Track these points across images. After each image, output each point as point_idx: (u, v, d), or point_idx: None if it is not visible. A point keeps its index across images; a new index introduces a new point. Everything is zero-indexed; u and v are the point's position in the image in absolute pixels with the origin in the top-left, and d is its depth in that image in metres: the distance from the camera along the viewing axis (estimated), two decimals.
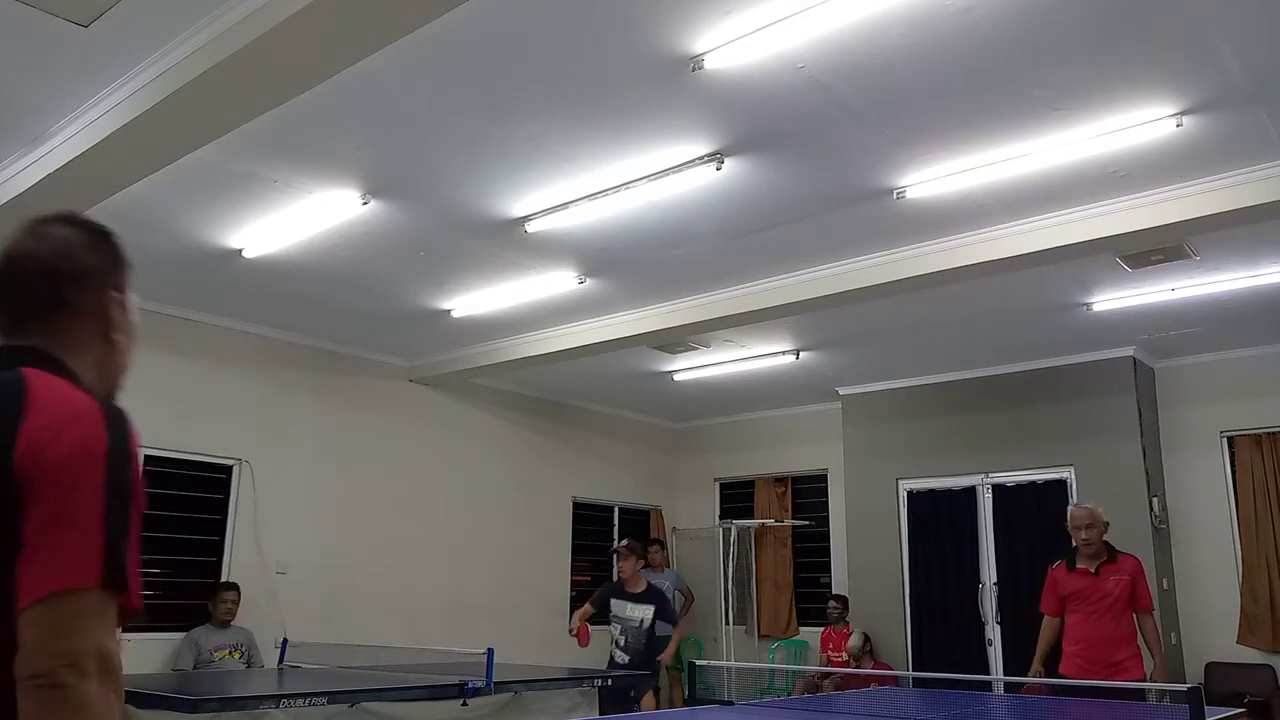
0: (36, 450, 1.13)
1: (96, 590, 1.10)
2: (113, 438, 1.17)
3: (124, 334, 1.40)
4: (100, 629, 1.10)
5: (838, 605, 8.79)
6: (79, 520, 1.11)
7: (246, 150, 4.52)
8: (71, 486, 1.12)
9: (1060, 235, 5.10)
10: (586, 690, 5.63)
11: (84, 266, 1.36)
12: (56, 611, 1.07)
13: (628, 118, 4.20)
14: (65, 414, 1.17)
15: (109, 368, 1.39)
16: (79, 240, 1.37)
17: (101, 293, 1.36)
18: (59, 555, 1.09)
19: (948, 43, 3.63)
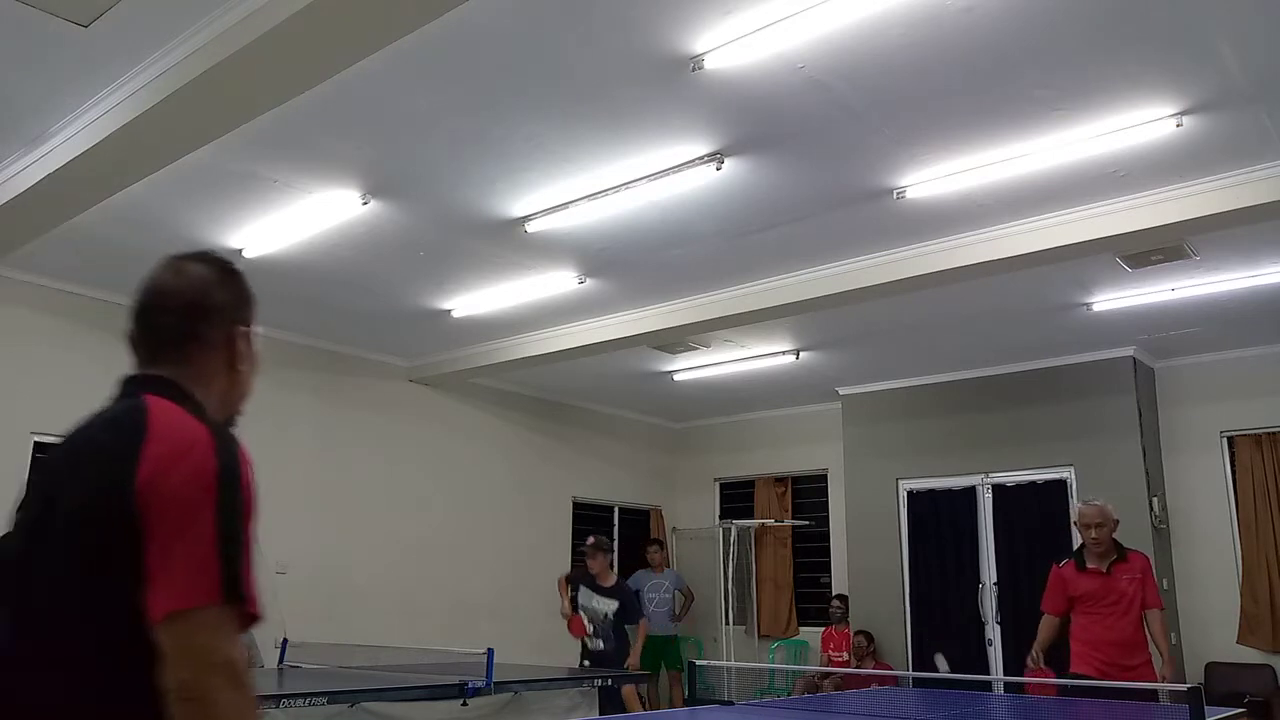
0: (156, 479, 1.23)
1: (218, 606, 1.21)
2: (222, 463, 1.27)
3: (247, 365, 1.51)
4: (224, 640, 1.21)
5: (840, 605, 8.80)
6: (197, 543, 1.22)
7: (246, 150, 4.52)
8: (188, 513, 1.22)
9: (1060, 235, 5.10)
10: (586, 690, 5.63)
11: (215, 302, 1.47)
12: (184, 628, 1.19)
13: (628, 118, 4.20)
14: (180, 443, 1.27)
15: (232, 396, 1.50)
16: (212, 278, 1.49)
17: (230, 327, 1.48)
18: (181, 577, 1.20)
19: (948, 43, 3.63)
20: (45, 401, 6.23)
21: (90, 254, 5.87)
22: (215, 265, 1.52)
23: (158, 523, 1.22)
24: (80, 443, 1.35)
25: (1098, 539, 5.18)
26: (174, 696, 1.18)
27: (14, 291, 6.19)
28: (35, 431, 6.20)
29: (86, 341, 6.47)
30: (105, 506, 1.24)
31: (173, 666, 1.18)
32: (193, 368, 1.44)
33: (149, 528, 1.22)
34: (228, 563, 1.23)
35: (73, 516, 1.27)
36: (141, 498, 1.22)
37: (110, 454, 1.27)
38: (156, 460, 1.24)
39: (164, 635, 1.19)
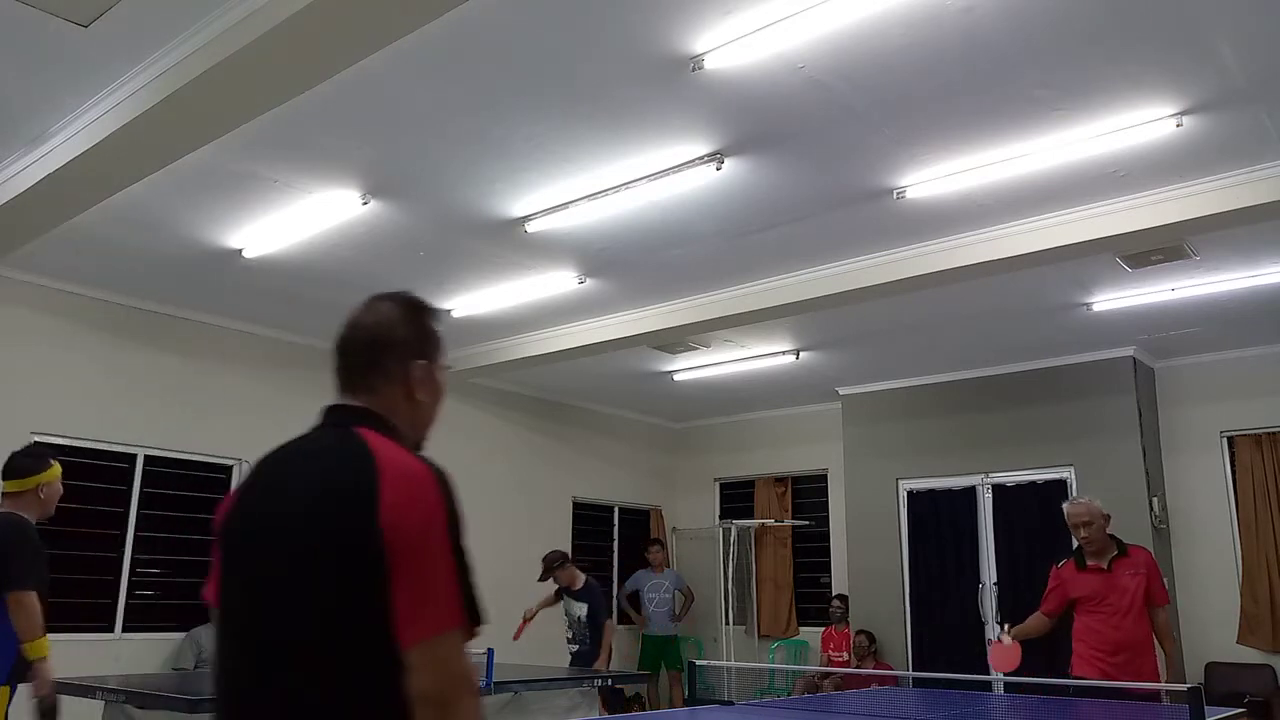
0: (396, 520, 1.37)
1: (459, 629, 1.39)
2: (446, 500, 1.43)
3: (427, 396, 1.64)
4: (464, 657, 1.39)
5: (840, 605, 8.80)
6: (440, 576, 1.39)
7: (246, 150, 4.52)
8: (428, 549, 1.38)
9: (1060, 235, 5.10)
10: (586, 690, 5.63)
11: (397, 337, 1.61)
12: (434, 650, 1.36)
13: (628, 118, 4.20)
14: (411, 484, 1.41)
15: (415, 423, 1.64)
16: (397, 315, 1.62)
17: (408, 361, 1.61)
18: (430, 607, 1.37)
19: (948, 43, 3.63)
20: (45, 401, 6.24)
21: (90, 254, 5.87)
22: (402, 303, 1.65)
23: (402, 559, 1.36)
24: (307, 481, 1.46)
25: (1088, 537, 4.98)
26: (424, 705, 1.35)
27: (14, 291, 6.19)
28: (35, 431, 6.20)
29: (86, 341, 6.48)
30: (351, 545, 1.37)
31: (423, 680, 1.35)
32: (378, 396, 1.58)
33: (394, 563, 1.36)
34: (466, 591, 1.42)
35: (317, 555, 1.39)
36: (386, 536, 1.36)
37: (349, 495, 1.39)
38: (393, 501, 1.38)
39: (416, 655, 1.35)
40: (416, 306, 1.66)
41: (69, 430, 6.35)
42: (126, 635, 6.46)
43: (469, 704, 1.38)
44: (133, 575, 6.56)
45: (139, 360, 6.71)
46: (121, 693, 4.17)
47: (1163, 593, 4.97)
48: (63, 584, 6.27)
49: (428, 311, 1.67)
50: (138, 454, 6.69)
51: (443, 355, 1.68)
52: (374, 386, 1.58)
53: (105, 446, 6.53)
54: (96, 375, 6.50)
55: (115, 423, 6.55)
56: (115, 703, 4.27)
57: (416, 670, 1.35)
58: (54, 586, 6.16)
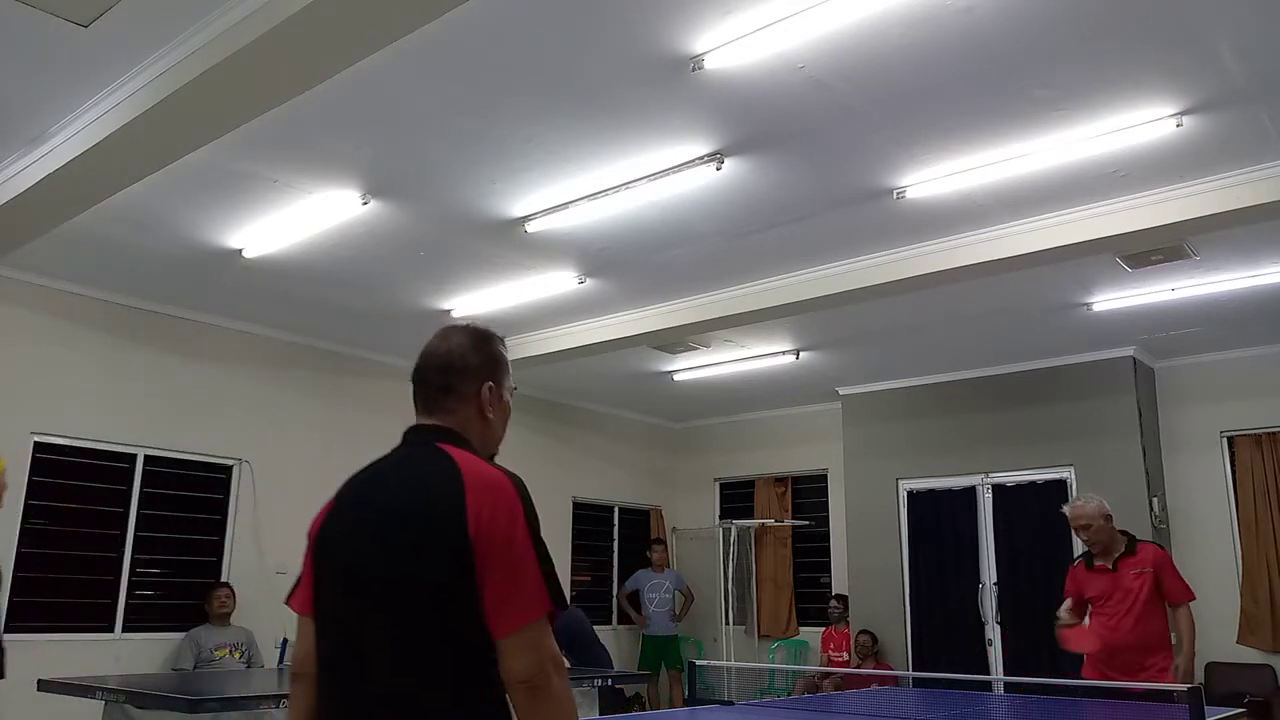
0: (483, 524, 1.54)
1: (545, 616, 1.55)
2: (525, 502, 1.62)
3: (496, 414, 1.83)
4: (552, 642, 1.55)
5: (839, 605, 8.80)
6: (527, 571, 1.55)
7: (246, 150, 4.52)
8: (512, 549, 1.55)
9: (1060, 235, 5.10)
10: (586, 690, 5.63)
11: (468, 364, 1.80)
12: (528, 636, 1.52)
13: (628, 118, 4.20)
14: (494, 492, 1.59)
15: (486, 439, 1.82)
16: (467, 344, 1.82)
17: (479, 384, 1.79)
18: (521, 599, 1.53)
19: (948, 43, 3.63)
20: (45, 401, 6.24)
21: (90, 254, 5.87)
22: (471, 333, 1.84)
23: (489, 558, 1.53)
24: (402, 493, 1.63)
25: (1091, 539, 4.87)
26: (522, 686, 1.51)
27: (14, 291, 6.19)
28: (35, 431, 6.20)
29: (86, 341, 6.48)
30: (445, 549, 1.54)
31: (521, 664, 1.51)
32: (454, 417, 1.77)
33: (482, 562, 1.53)
34: (550, 581, 1.57)
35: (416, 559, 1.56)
36: (474, 539, 1.53)
37: (441, 503, 1.57)
38: (478, 507, 1.56)
39: (509, 643, 1.52)
40: (484, 336, 1.84)
41: (69, 430, 6.35)
42: (126, 635, 6.46)
43: (560, 682, 1.53)
44: (133, 575, 6.56)
45: (139, 360, 6.71)
46: (121, 693, 4.17)
47: (1179, 589, 4.79)
48: (63, 584, 6.28)
49: (495, 339, 1.86)
50: (138, 454, 6.69)
51: (508, 379, 1.88)
52: (450, 408, 1.78)
53: (105, 446, 6.53)
54: (96, 375, 6.50)
55: (115, 423, 6.55)
56: (115, 703, 4.27)
57: (511, 656, 1.52)
58: (54, 586, 6.19)
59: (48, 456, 6.27)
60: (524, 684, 1.51)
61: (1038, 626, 7.64)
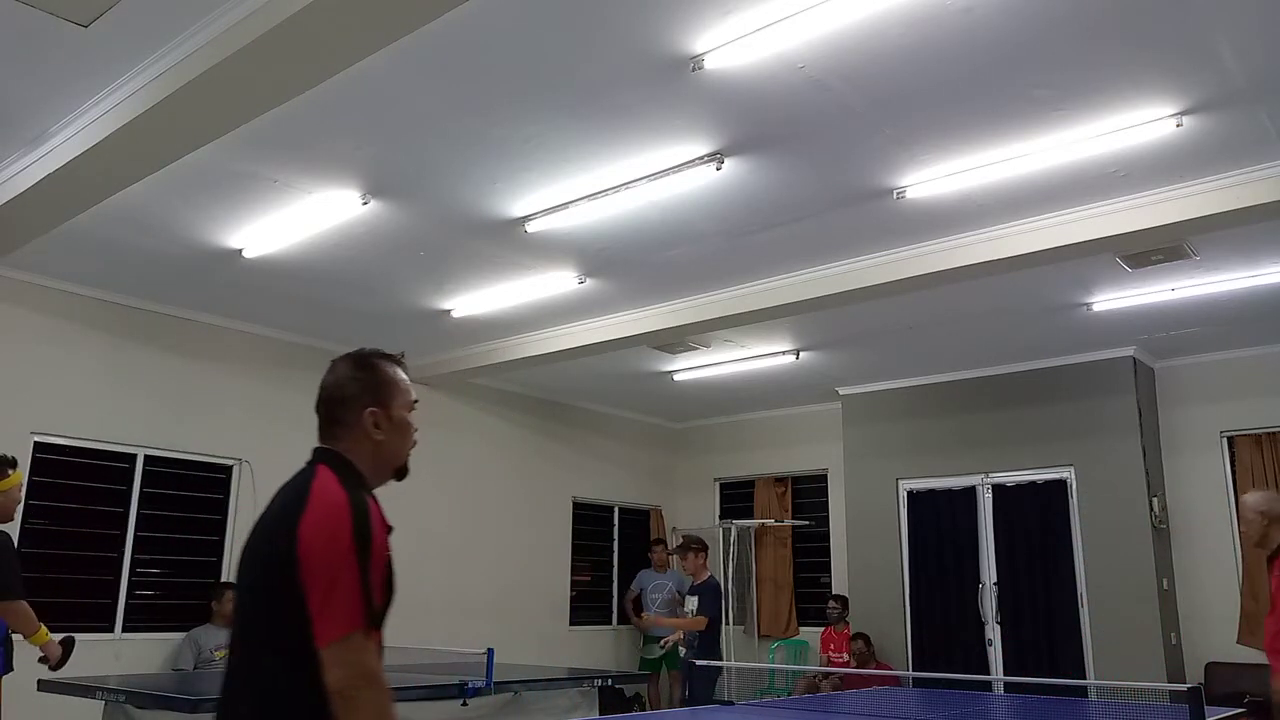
0: (309, 539, 1.71)
1: (362, 630, 1.70)
2: (356, 523, 1.74)
3: (386, 434, 1.96)
4: (367, 656, 1.70)
5: (837, 605, 8.79)
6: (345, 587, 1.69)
7: (246, 150, 4.52)
8: (336, 564, 1.70)
9: (1060, 235, 5.10)
10: (586, 690, 5.63)
11: (345, 394, 1.95)
12: (341, 649, 1.67)
13: (628, 118, 4.20)
14: (326, 511, 1.74)
15: (381, 458, 1.97)
16: (346, 375, 1.97)
17: (360, 410, 1.94)
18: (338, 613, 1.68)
19: (948, 43, 3.63)
20: (45, 401, 6.24)
21: (90, 254, 5.87)
22: (352, 362, 1.99)
23: (313, 573, 1.69)
24: (274, 507, 1.84)
25: (1244, 532, 4.55)
26: (336, 696, 1.66)
27: (14, 291, 6.19)
28: (35, 431, 6.20)
29: (86, 341, 6.48)
30: (280, 561, 1.72)
31: (334, 675, 1.67)
32: (341, 442, 1.93)
33: (306, 576, 1.69)
34: (368, 600, 1.72)
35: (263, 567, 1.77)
36: (300, 553, 1.70)
37: (286, 521, 1.75)
38: (311, 525, 1.72)
39: (327, 654, 1.67)
40: (365, 363, 1.99)
41: (69, 430, 6.35)
42: (126, 635, 6.46)
43: (371, 695, 1.68)
44: (133, 575, 6.56)
45: (139, 360, 6.71)
46: (121, 693, 4.17)
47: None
48: (63, 584, 6.28)
49: (377, 364, 1.99)
50: (138, 454, 6.69)
51: (399, 396, 2.00)
52: (337, 435, 1.94)
53: (105, 446, 6.53)
54: (96, 375, 6.50)
55: (115, 423, 6.55)
56: (115, 703, 4.27)
57: (328, 666, 1.67)
58: (54, 586, 6.19)
59: (48, 456, 6.27)
60: (336, 694, 1.66)
61: (1038, 626, 7.65)
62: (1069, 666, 7.38)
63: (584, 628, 9.61)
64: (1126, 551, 7.33)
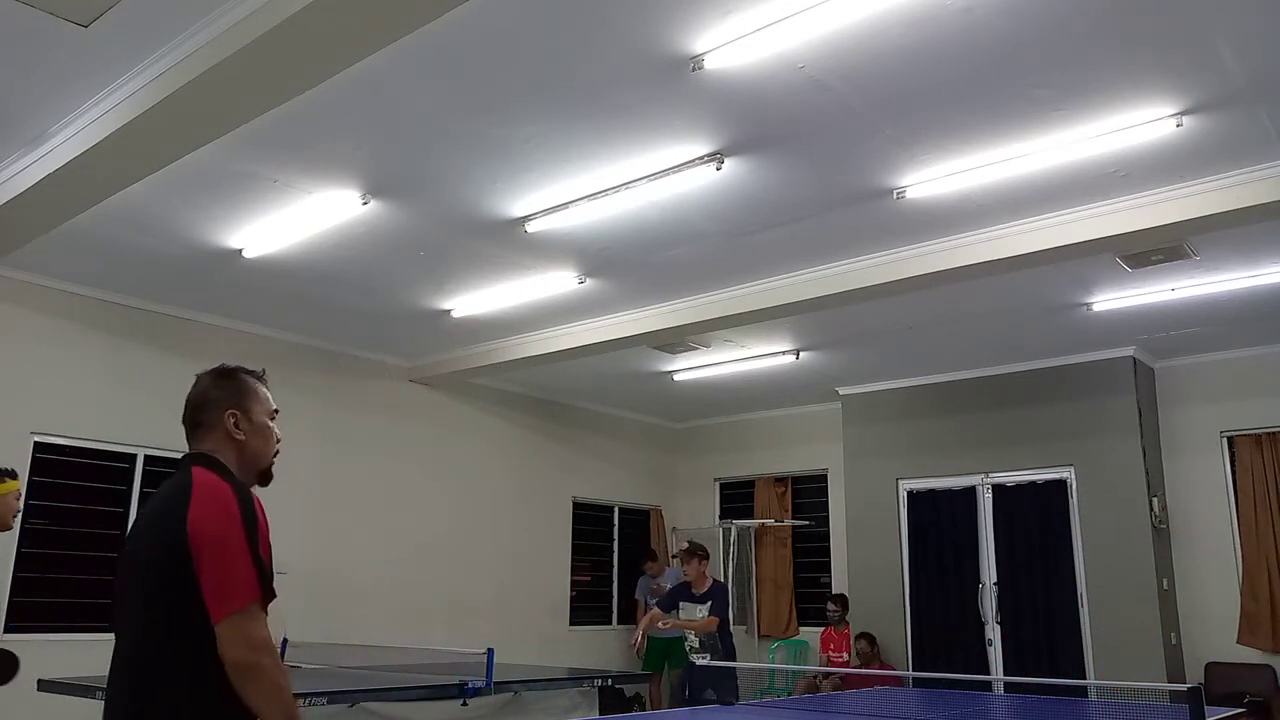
0: (198, 525, 1.83)
1: (256, 603, 1.82)
2: (243, 506, 1.88)
3: (246, 435, 2.08)
4: (262, 626, 1.81)
5: (837, 607, 8.79)
6: (236, 564, 1.81)
7: (246, 150, 4.52)
8: (224, 544, 1.82)
9: (1060, 235, 5.10)
10: (586, 690, 5.63)
11: (208, 399, 2.09)
12: (237, 622, 1.78)
13: (628, 118, 4.20)
14: (212, 499, 1.87)
15: (245, 458, 2.08)
16: (209, 383, 2.11)
17: (221, 414, 2.07)
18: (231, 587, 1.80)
19: (948, 43, 3.63)
20: (45, 401, 6.24)
21: (90, 254, 5.87)
22: (213, 373, 2.13)
23: (204, 554, 1.80)
24: (155, 505, 1.96)
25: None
26: (234, 669, 1.76)
27: (14, 291, 6.19)
28: (35, 431, 6.20)
29: (86, 341, 6.48)
30: (170, 546, 1.82)
31: (231, 648, 1.77)
32: (208, 444, 2.05)
33: (198, 558, 1.80)
34: (261, 573, 1.84)
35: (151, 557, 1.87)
36: (191, 540, 1.81)
37: (171, 512, 1.86)
38: (198, 513, 1.84)
39: (223, 628, 1.77)
40: (225, 372, 2.14)
41: (69, 430, 6.35)
42: None
43: (268, 664, 1.78)
44: None
45: (139, 360, 6.71)
46: None
47: None
48: (63, 584, 6.28)
49: (238, 374, 2.14)
50: (138, 454, 6.69)
51: (258, 403, 2.13)
52: (201, 437, 2.07)
53: (105, 446, 6.53)
54: (96, 375, 6.50)
55: (115, 423, 6.55)
56: None
57: (224, 641, 1.77)
58: (54, 586, 6.19)
59: (48, 456, 6.27)
60: (235, 666, 1.76)
61: (1038, 626, 7.65)
62: (1069, 666, 7.38)
63: (584, 628, 9.61)
64: (1126, 551, 7.33)
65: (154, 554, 1.86)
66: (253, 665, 1.76)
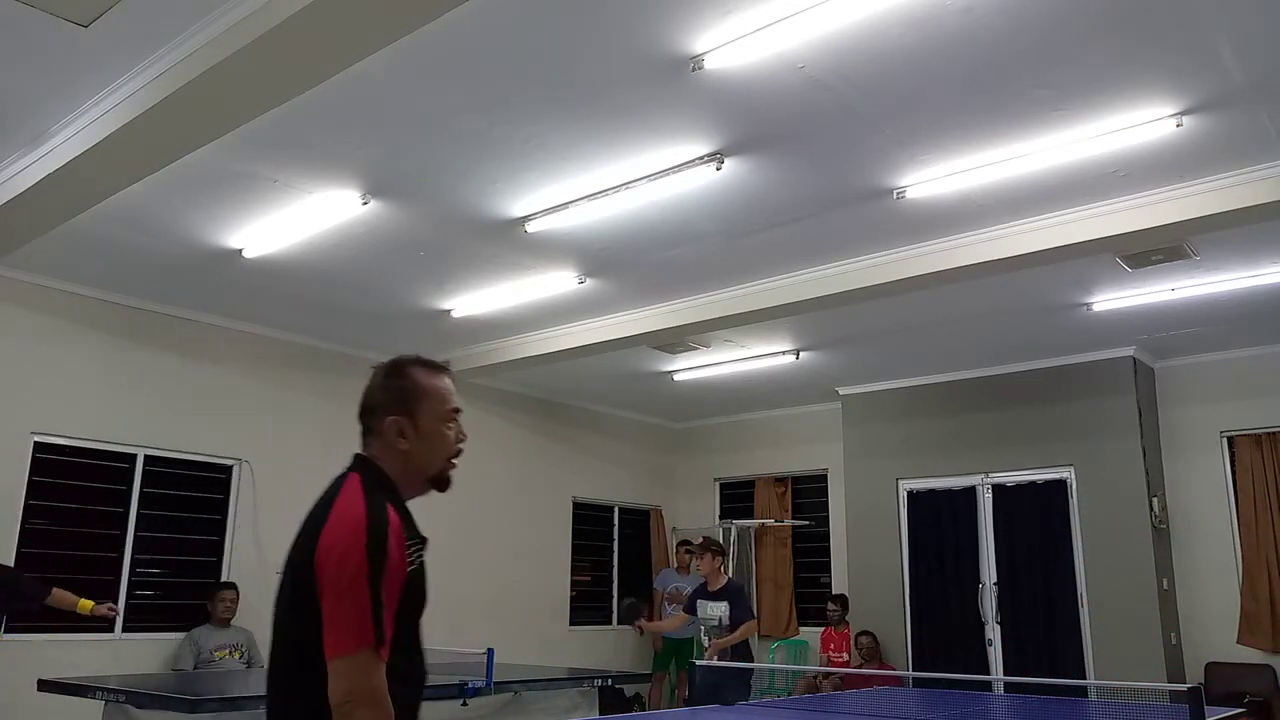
0: (325, 552, 1.73)
1: (368, 649, 1.68)
2: (371, 541, 1.73)
3: (411, 444, 1.94)
4: (373, 674, 1.68)
5: (837, 607, 8.79)
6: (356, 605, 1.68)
7: (246, 150, 4.52)
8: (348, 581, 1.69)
9: (1060, 235, 5.10)
10: (586, 690, 5.63)
11: (376, 401, 1.98)
12: (344, 666, 1.67)
13: (628, 118, 4.20)
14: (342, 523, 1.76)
15: (409, 467, 1.96)
16: (377, 382, 1.99)
17: (384, 418, 1.95)
18: (345, 629, 1.68)
19: (948, 43, 3.63)
20: (45, 401, 6.24)
21: (90, 254, 5.87)
22: (386, 369, 2.00)
23: (328, 587, 1.71)
24: (311, 512, 1.86)
25: None
26: (335, 710, 1.67)
27: (14, 291, 6.19)
28: (35, 431, 6.20)
29: (86, 341, 6.48)
30: (304, 565, 1.75)
31: (336, 688, 1.67)
32: (373, 449, 1.96)
33: (321, 591, 1.71)
34: (376, 619, 1.69)
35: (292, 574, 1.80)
36: (318, 564, 1.72)
37: (310, 531, 1.79)
38: (328, 539, 1.74)
39: (333, 667, 1.68)
40: (396, 369, 1.99)
41: (69, 430, 6.35)
42: (126, 635, 6.46)
43: (367, 715, 1.67)
44: (133, 575, 6.56)
45: (139, 360, 6.71)
46: (121, 693, 4.17)
47: None
48: (63, 584, 6.27)
49: (408, 371, 1.98)
50: (138, 454, 6.69)
51: (430, 406, 1.96)
52: (369, 442, 1.98)
53: (105, 446, 6.53)
54: (96, 375, 6.50)
55: (115, 423, 6.55)
56: (115, 703, 4.27)
57: (332, 679, 1.68)
58: (54, 586, 6.18)
59: (48, 456, 6.27)
60: (336, 709, 1.67)
61: (1038, 626, 7.65)
62: (1069, 666, 7.38)
63: (584, 628, 9.61)
64: (1126, 551, 7.33)
65: (293, 568, 1.81)
66: (348, 714, 1.67)
